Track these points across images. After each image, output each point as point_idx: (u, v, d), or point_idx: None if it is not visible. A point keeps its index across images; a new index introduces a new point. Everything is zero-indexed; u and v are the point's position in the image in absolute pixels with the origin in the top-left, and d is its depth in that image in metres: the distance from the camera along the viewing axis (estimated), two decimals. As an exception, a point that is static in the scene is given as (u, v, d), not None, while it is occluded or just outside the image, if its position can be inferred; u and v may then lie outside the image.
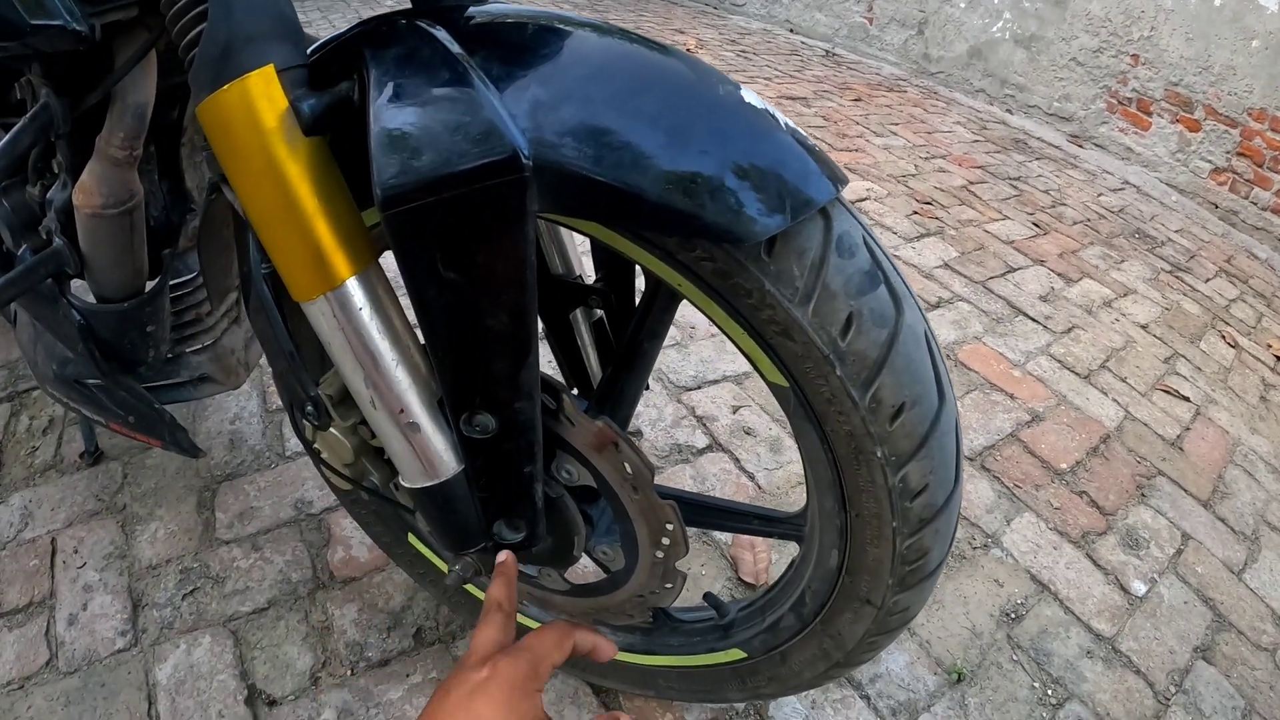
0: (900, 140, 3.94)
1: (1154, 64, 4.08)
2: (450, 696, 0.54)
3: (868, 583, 0.71)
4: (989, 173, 3.76)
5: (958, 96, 5.11)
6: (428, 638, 1.21)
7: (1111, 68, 4.28)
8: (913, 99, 4.85)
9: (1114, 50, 4.24)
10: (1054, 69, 4.56)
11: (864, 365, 0.57)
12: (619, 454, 0.69)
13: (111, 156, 0.84)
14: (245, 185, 0.54)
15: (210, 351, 1.19)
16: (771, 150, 0.53)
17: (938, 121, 4.45)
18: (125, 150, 0.84)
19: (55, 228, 0.92)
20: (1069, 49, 4.45)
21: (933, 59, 5.31)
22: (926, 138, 4.09)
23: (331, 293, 0.57)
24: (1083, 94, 4.45)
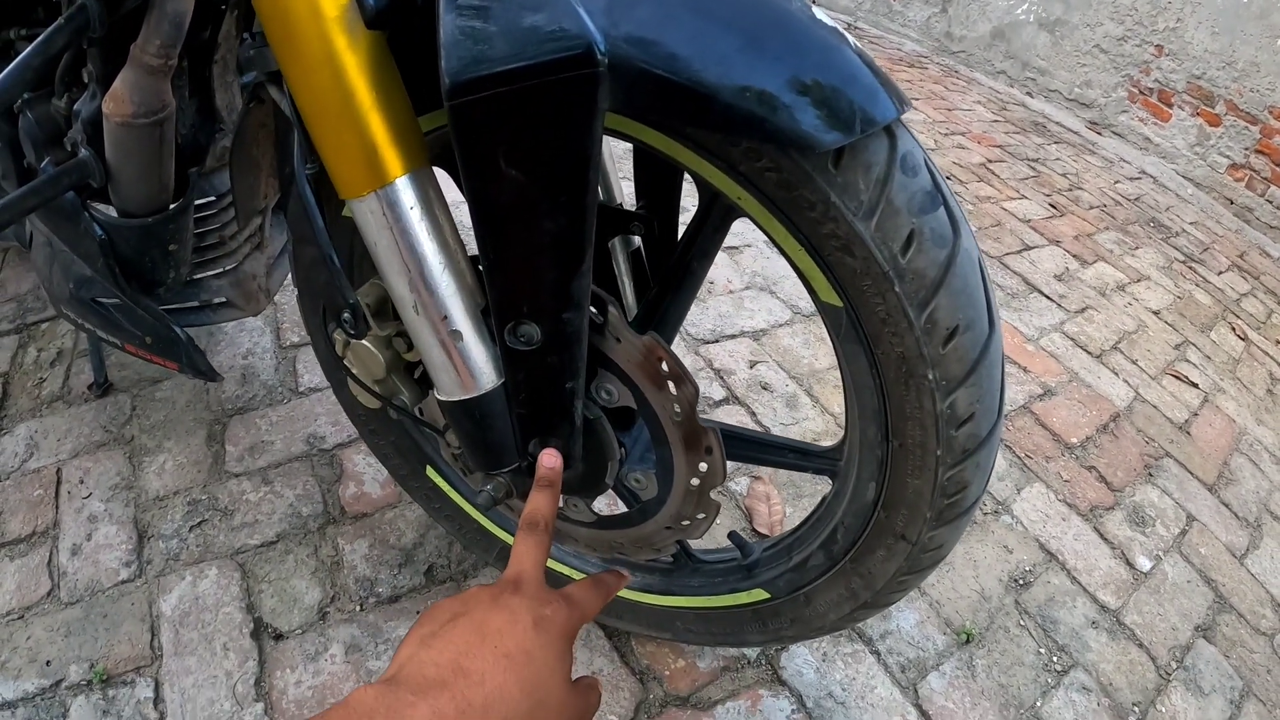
0: (920, 115, 3.92)
1: (1178, 56, 4.05)
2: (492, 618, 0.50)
3: (904, 517, 0.71)
4: (1008, 152, 3.75)
5: (978, 77, 5.08)
6: (439, 575, 1.21)
7: (1135, 57, 4.24)
8: (933, 76, 4.82)
9: (1138, 39, 4.21)
10: (1077, 54, 4.53)
11: (922, 284, 0.56)
12: (664, 373, 0.68)
13: (146, 64, 0.82)
14: (301, 76, 0.54)
15: (232, 276, 1.17)
16: (842, 65, 0.52)
17: (958, 99, 4.42)
18: (161, 59, 0.82)
19: (81, 139, 0.90)
20: (1093, 35, 4.41)
21: (955, 38, 5.27)
22: (946, 114, 4.07)
23: (382, 190, 0.56)
24: (1104, 81, 4.43)
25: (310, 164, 0.62)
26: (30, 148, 0.95)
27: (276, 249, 1.25)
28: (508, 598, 0.52)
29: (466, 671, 0.46)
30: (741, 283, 2.14)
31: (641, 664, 1.15)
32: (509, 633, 0.49)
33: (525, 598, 0.53)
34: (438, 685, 0.44)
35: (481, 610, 0.51)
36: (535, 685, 0.48)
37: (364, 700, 0.42)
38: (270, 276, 1.23)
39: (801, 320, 2.03)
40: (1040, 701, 1.25)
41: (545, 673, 0.49)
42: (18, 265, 1.71)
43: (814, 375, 1.84)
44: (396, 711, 0.42)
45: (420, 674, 0.45)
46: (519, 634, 0.49)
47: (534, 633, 0.50)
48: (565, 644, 0.52)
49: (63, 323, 1.57)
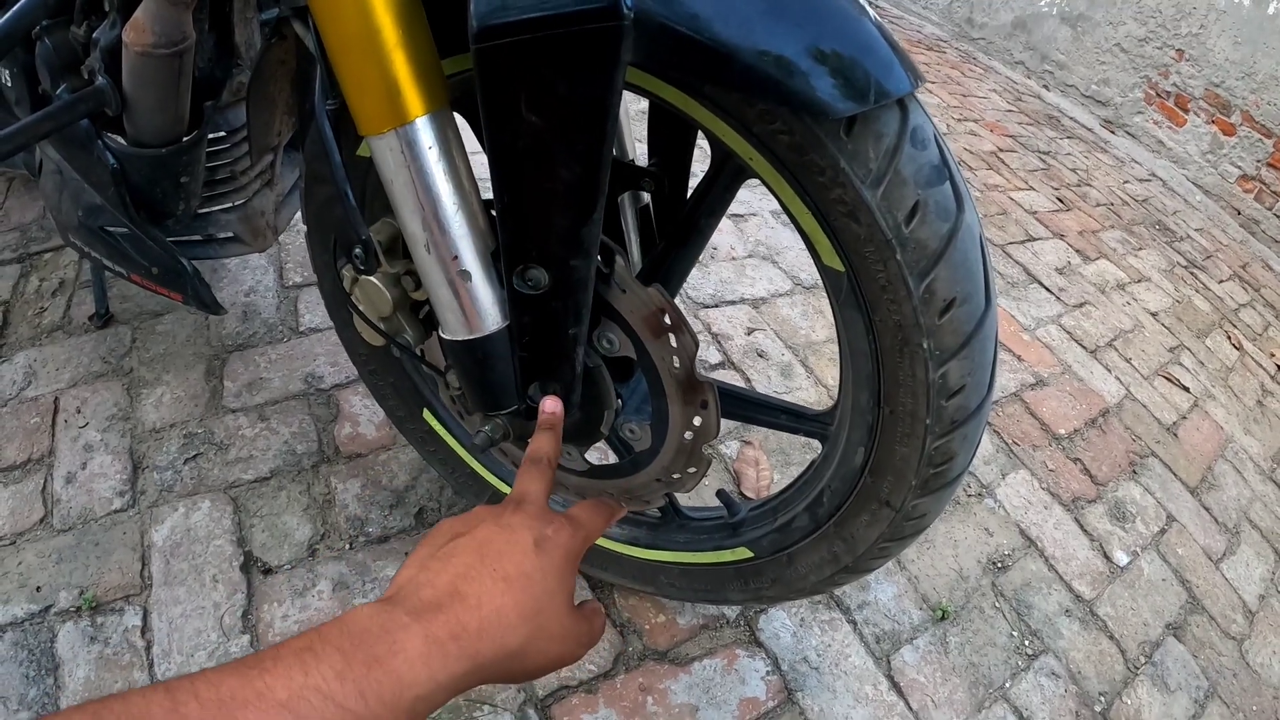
0: (934, 99, 3.91)
1: (1198, 62, 4.02)
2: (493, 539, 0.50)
3: (890, 484, 0.73)
4: (1019, 143, 3.74)
5: (996, 65, 5.05)
6: (429, 518, 1.23)
7: (1155, 59, 4.22)
8: (951, 61, 4.80)
9: (1160, 42, 4.18)
10: (1097, 51, 4.50)
11: (924, 254, 0.58)
12: (667, 325, 0.70)
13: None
14: (328, 10, 0.54)
15: (240, 211, 1.18)
16: (861, 36, 0.54)
17: (974, 86, 4.41)
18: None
19: (100, 67, 0.91)
20: (1115, 34, 4.38)
21: (976, 24, 5.23)
22: (961, 100, 4.06)
23: (402, 128, 0.57)
24: (1122, 81, 4.41)
25: (331, 100, 0.63)
26: (46, 74, 0.96)
27: (286, 187, 1.26)
28: (509, 517, 0.53)
29: (463, 595, 0.46)
30: (745, 250, 2.15)
31: (623, 617, 1.17)
32: (509, 554, 0.49)
33: (527, 517, 0.53)
34: (433, 608, 0.44)
35: (483, 531, 0.51)
36: (534, 609, 0.48)
37: (359, 619, 0.42)
38: (278, 214, 1.24)
39: (802, 291, 2.04)
40: (1009, 683, 1.27)
41: (545, 596, 0.49)
42: (22, 195, 1.71)
43: (810, 346, 1.85)
44: (390, 633, 0.42)
45: (417, 596, 0.45)
46: (518, 556, 0.49)
47: (534, 554, 0.50)
48: (568, 565, 0.52)
49: (65, 253, 1.57)
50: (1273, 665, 1.53)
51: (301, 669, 0.38)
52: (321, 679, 0.38)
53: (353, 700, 0.38)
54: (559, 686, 1.07)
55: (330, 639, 0.40)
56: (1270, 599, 1.69)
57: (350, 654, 0.40)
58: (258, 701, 0.36)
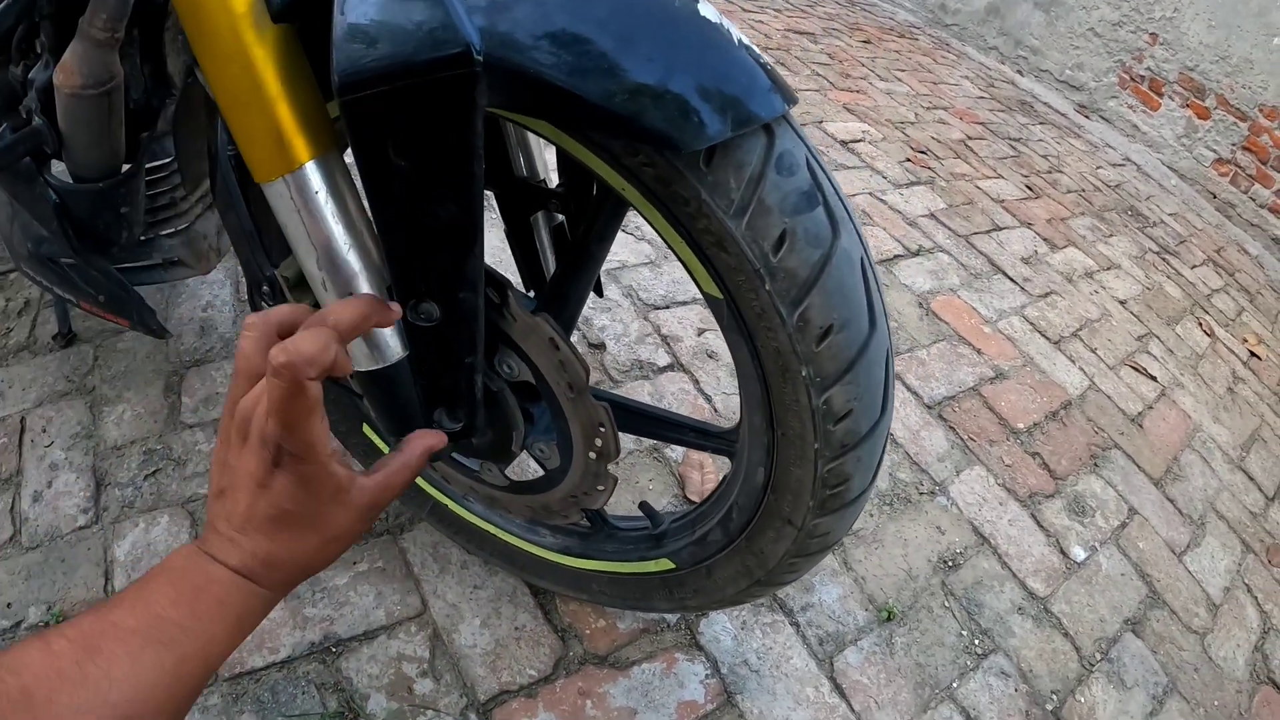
0: (904, 87, 3.90)
1: (1172, 46, 4.03)
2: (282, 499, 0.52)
3: (790, 503, 0.73)
4: (989, 130, 3.74)
5: (969, 51, 5.04)
6: (376, 528, 1.24)
7: (1129, 43, 4.22)
8: (923, 48, 4.78)
9: (1133, 26, 4.18)
10: (1070, 36, 4.50)
11: (794, 283, 0.57)
12: (556, 352, 0.71)
13: (93, 37, 0.85)
14: (213, 67, 0.55)
15: (183, 236, 1.21)
16: (719, 63, 0.54)
17: (945, 73, 4.40)
18: (107, 32, 0.85)
19: (36, 107, 0.93)
20: (1088, 18, 4.38)
21: (949, 10, 5.22)
22: (931, 88, 4.05)
23: (290, 175, 0.58)
24: (1096, 65, 4.40)
25: (231, 146, 0.65)
26: None
27: (227, 210, 1.28)
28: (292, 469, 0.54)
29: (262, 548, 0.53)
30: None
31: (564, 622, 1.18)
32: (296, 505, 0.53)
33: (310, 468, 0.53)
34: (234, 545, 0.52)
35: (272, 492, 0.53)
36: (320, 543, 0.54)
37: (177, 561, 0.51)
38: (220, 236, 1.26)
39: (758, 293, 2.02)
40: (957, 683, 1.28)
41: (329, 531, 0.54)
42: None
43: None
44: (204, 568, 0.50)
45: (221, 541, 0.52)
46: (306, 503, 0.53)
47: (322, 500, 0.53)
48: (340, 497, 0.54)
49: (29, 274, 1.58)
50: (1236, 659, 1.54)
51: (144, 603, 0.47)
52: (160, 608, 0.47)
53: (187, 620, 0.47)
54: (500, 691, 1.08)
55: (159, 580, 0.49)
56: (1235, 591, 1.70)
57: (179, 586, 0.49)
58: (114, 631, 0.45)
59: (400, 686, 1.06)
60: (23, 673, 0.41)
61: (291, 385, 0.46)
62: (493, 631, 1.14)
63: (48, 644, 0.43)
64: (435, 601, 1.16)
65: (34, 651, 0.43)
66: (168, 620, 0.46)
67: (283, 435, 0.48)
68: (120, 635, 0.45)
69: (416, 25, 0.48)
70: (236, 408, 0.52)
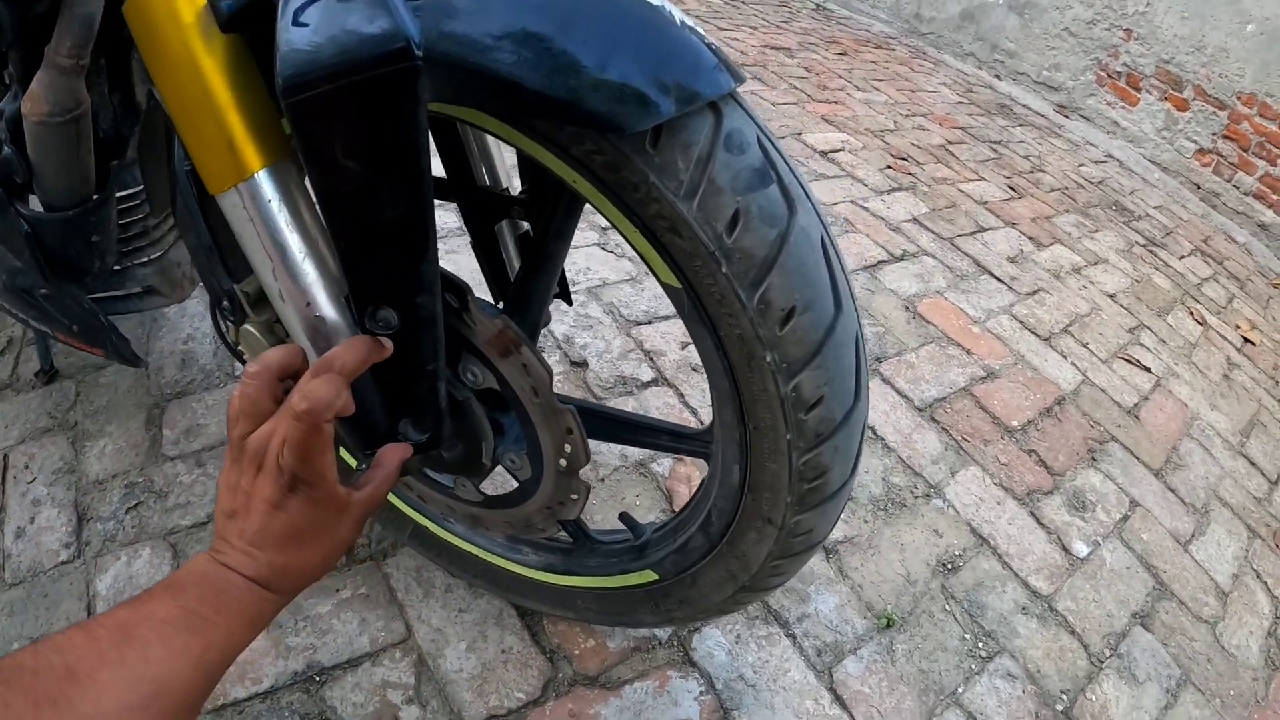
0: (882, 96, 3.91)
1: (1147, 40, 4.05)
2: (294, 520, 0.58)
3: (769, 501, 0.70)
4: (969, 134, 3.74)
5: (946, 58, 5.07)
6: (359, 554, 1.22)
7: (1104, 40, 4.25)
8: (900, 57, 4.81)
9: (1107, 23, 4.21)
10: (1046, 37, 4.53)
11: (752, 264, 0.56)
12: (519, 356, 0.69)
13: (59, 65, 0.85)
14: (165, 80, 0.56)
15: (156, 264, 1.21)
16: (660, 43, 0.53)
17: (923, 81, 4.42)
18: (72, 59, 0.85)
19: (5, 137, 0.94)
20: (1062, 18, 4.41)
21: (924, 19, 5.26)
22: (910, 96, 4.06)
23: (243, 184, 0.58)
24: (1073, 64, 4.43)
25: (188, 161, 0.65)
26: None
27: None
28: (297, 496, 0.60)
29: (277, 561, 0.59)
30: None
31: (552, 643, 1.15)
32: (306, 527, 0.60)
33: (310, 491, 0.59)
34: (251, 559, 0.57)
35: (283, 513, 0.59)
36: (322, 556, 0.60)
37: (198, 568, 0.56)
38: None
39: (740, 304, 2.01)
40: (962, 688, 1.25)
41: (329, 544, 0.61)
42: None
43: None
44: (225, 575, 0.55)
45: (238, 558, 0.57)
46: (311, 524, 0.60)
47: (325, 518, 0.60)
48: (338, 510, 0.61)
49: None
50: (1250, 646, 1.51)
51: (173, 598, 0.52)
52: (187, 601, 0.52)
53: (211, 615, 0.52)
54: (487, 716, 1.05)
55: (186, 581, 0.54)
56: (1244, 577, 1.67)
57: (203, 588, 0.54)
58: (147, 620, 0.50)
59: (386, 714, 1.03)
60: (68, 653, 0.46)
61: (311, 427, 0.54)
62: (479, 655, 1.11)
63: (89, 630, 0.48)
64: (420, 626, 1.13)
65: (77, 636, 0.48)
66: (196, 613, 0.52)
67: (299, 467, 0.55)
68: (154, 624, 0.50)
69: (356, 24, 0.49)
70: (248, 442, 0.57)
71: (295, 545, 0.58)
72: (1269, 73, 3.60)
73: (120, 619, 0.50)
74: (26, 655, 0.46)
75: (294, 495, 0.56)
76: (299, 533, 0.57)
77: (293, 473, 0.56)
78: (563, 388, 1.62)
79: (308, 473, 0.56)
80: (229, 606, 0.54)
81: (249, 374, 0.58)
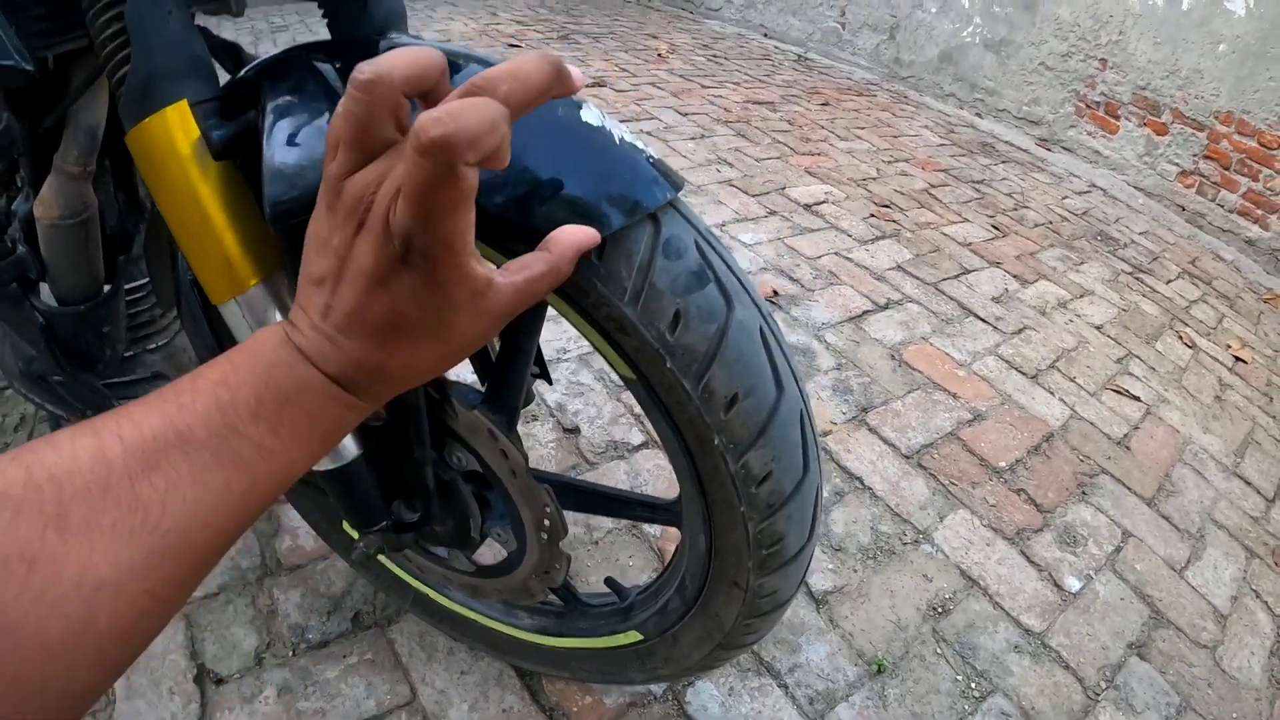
0: (864, 144, 3.99)
1: (1122, 68, 4.14)
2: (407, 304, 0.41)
3: (733, 565, 0.75)
4: (952, 176, 3.81)
5: (928, 100, 5.16)
6: (365, 621, 1.26)
7: (1080, 72, 4.34)
8: (881, 103, 4.89)
9: (1082, 55, 4.30)
10: (1023, 73, 4.62)
11: (694, 358, 0.61)
12: (496, 441, 0.74)
13: (67, 172, 0.92)
14: (167, 204, 0.60)
15: (164, 351, 1.27)
16: (600, 163, 0.57)
17: (904, 125, 4.50)
18: (79, 167, 0.92)
19: (19, 236, 1.01)
20: (1038, 53, 4.50)
21: (904, 63, 5.36)
22: (891, 141, 4.13)
23: (241, 296, 0.62)
24: (1051, 98, 4.51)
25: (190, 272, 0.71)
26: None
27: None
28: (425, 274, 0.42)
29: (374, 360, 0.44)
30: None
31: (551, 701, 1.18)
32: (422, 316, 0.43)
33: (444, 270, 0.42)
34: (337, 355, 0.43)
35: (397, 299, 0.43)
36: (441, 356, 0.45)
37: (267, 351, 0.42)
38: None
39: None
40: (956, 728, 1.27)
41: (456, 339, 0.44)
42: None
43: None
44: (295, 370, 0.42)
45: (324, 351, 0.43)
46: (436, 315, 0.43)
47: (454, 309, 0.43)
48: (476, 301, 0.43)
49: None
50: (1252, 667, 1.52)
51: (219, 409, 0.39)
52: (237, 417, 0.39)
53: (267, 438, 0.40)
54: (488, 779, 1.09)
55: (243, 370, 0.41)
56: (1243, 599, 1.68)
57: (262, 391, 0.40)
58: (179, 444, 0.37)
59: (393, 779, 1.07)
60: (65, 482, 0.34)
61: (443, 169, 0.35)
62: (481, 715, 1.15)
63: (101, 443, 0.36)
64: (424, 689, 1.17)
65: (83, 450, 0.35)
66: (246, 437, 0.39)
67: (418, 229, 0.37)
68: (187, 450, 0.37)
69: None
70: (347, 184, 0.40)
71: (399, 338, 0.42)
72: (1243, 90, 3.67)
73: (144, 436, 0.37)
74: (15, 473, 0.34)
75: (405, 269, 0.39)
76: (405, 322, 0.41)
77: (407, 236, 0.38)
78: (556, 454, 1.66)
79: (429, 239, 0.38)
80: (293, 423, 0.41)
81: (360, 82, 0.37)
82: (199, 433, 0.38)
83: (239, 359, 0.41)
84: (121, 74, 0.59)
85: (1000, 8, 4.65)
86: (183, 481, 0.37)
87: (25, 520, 0.33)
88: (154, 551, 0.36)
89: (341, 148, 0.39)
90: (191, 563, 0.38)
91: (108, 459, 0.35)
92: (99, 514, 0.34)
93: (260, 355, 0.41)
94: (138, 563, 0.35)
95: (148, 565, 0.36)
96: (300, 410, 0.41)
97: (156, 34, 0.57)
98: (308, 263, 0.43)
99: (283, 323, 0.43)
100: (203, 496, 0.37)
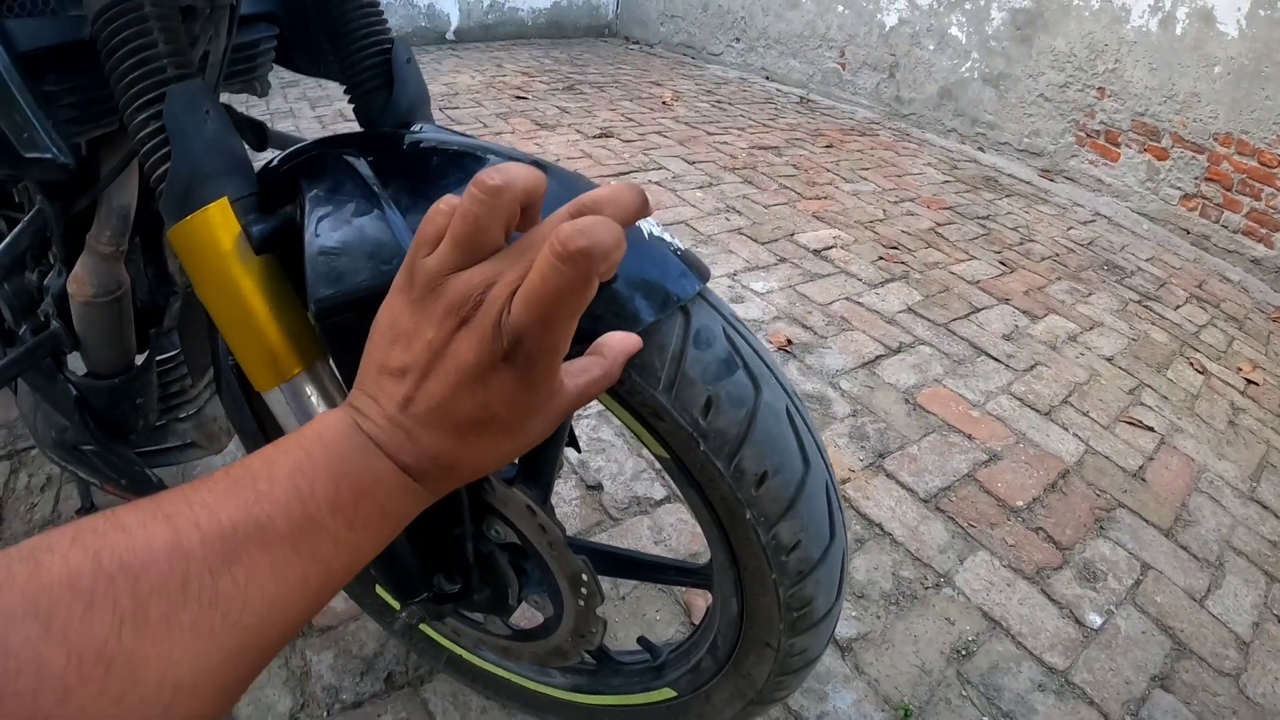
0: (870, 185, 4.04)
1: (1120, 95, 4.19)
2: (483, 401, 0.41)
3: (764, 627, 0.78)
4: (957, 213, 3.84)
5: (930, 137, 5.22)
6: (397, 681, 1.29)
7: (1078, 101, 4.39)
8: (884, 142, 4.95)
9: (1080, 84, 4.36)
10: (1022, 105, 4.68)
11: (725, 440, 0.64)
12: (534, 516, 0.77)
13: (100, 252, 0.95)
14: (210, 297, 0.63)
15: (194, 420, 1.29)
16: (632, 259, 0.59)
17: (908, 164, 4.55)
18: (112, 246, 0.95)
19: (53, 311, 1.03)
20: (1036, 85, 4.57)
21: (904, 101, 5.44)
22: (896, 181, 4.18)
23: (285, 384, 0.65)
24: (1051, 129, 4.57)
25: (232, 358, 0.73)
26: (9, 315, 1.09)
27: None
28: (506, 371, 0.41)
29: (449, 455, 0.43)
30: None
31: (584, 761, 1.20)
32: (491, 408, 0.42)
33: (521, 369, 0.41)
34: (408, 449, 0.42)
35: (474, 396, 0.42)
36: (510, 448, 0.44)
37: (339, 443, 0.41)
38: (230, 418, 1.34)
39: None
40: (982, 769, 1.29)
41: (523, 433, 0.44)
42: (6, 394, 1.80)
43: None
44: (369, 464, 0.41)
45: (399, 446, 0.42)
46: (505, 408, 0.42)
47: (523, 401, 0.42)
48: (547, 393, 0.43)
49: (50, 450, 1.66)
50: (1276, 692, 1.52)
51: (299, 500, 0.38)
52: (316, 509, 0.38)
53: (343, 531, 0.39)
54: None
55: (318, 459, 0.40)
56: (1265, 624, 1.68)
57: (339, 482, 0.40)
58: (259, 536, 0.36)
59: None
60: (141, 574, 0.32)
61: (581, 277, 0.36)
62: (517, 773, 1.17)
63: (176, 533, 0.34)
64: (458, 749, 1.19)
65: (158, 540, 0.34)
66: (324, 529, 0.38)
67: (535, 330, 0.38)
68: (267, 543, 0.36)
69: (370, 255, 0.56)
70: (452, 280, 0.39)
71: (481, 434, 0.41)
72: (1240, 110, 3.70)
73: (223, 527, 0.35)
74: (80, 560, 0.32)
75: (505, 368, 0.39)
76: (492, 419, 0.41)
77: (519, 337, 0.38)
78: (580, 511, 1.69)
79: (542, 343, 0.38)
80: (367, 516, 0.40)
81: (488, 187, 0.38)
82: (279, 524, 0.37)
83: (312, 447, 0.40)
84: (161, 171, 0.62)
85: (996, 42, 4.73)
86: (262, 575, 0.36)
87: (99, 616, 0.31)
88: (232, 648, 0.35)
89: (450, 244, 0.39)
90: (265, 657, 0.37)
91: (185, 550, 0.34)
92: (179, 610, 0.33)
93: (332, 445, 0.41)
94: (215, 662, 0.34)
95: (225, 662, 0.34)
96: (374, 503, 0.40)
97: (196, 136, 0.60)
98: (383, 354, 0.42)
99: (347, 409, 0.42)
100: (281, 590, 0.36)
